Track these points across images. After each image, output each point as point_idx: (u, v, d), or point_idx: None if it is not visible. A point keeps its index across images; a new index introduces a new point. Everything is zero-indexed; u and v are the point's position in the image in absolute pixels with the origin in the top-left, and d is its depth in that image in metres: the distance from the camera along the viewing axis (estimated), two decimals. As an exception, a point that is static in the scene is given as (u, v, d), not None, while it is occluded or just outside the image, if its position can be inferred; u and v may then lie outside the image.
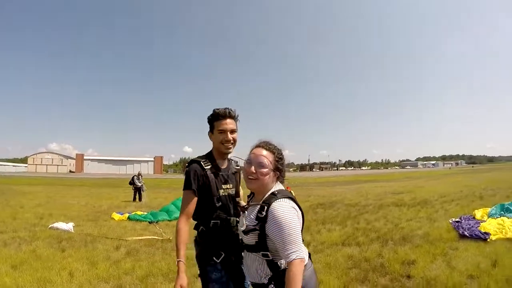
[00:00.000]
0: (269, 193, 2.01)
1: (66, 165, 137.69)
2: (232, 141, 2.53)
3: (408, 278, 4.98)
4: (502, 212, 8.72)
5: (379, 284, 4.81)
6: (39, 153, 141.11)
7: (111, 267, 5.82)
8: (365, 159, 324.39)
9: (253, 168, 2.02)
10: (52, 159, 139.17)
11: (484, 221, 8.08)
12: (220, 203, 2.45)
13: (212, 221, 2.43)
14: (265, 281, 1.96)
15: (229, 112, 2.51)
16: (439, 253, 6.16)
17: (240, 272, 2.41)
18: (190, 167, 2.47)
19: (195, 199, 2.43)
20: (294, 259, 1.79)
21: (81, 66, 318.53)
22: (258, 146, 2.11)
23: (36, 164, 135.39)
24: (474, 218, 8.79)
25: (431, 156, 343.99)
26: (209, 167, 2.48)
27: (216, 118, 2.51)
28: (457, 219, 8.73)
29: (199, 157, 2.56)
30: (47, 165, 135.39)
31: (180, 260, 2.22)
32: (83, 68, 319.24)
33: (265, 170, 2.00)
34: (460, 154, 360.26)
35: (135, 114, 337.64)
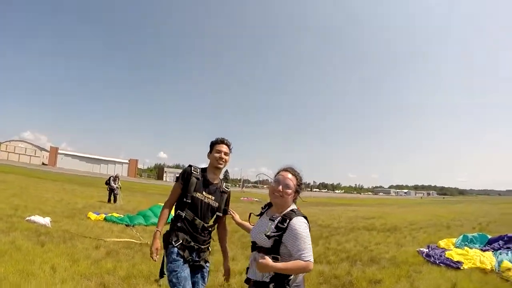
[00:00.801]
0: (288, 209, 2.51)
1: (39, 157, 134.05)
2: (224, 160, 3.32)
3: (374, 296, 5.35)
4: (466, 243, 9.19)
5: (347, 299, 5.17)
6: (12, 140, 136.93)
7: (93, 265, 5.95)
8: (339, 183, 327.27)
9: (280, 187, 2.51)
10: (26, 148, 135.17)
11: (449, 250, 8.49)
12: (191, 201, 3.14)
13: (179, 211, 3.15)
14: (267, 280, 2.39)
15: (226, 141, 3.38)
16: (404, 274, 6.60)
17: (195, 264, 3.16)
18: (184, 168, 3.30)
19: (179, 191, 3.21)
20: (309, 260, 2.28)
21: (62, 54, 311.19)
22: (285, 170, 2.61)
23: (8, 152, 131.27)
24: (438, 247, 9.19)
25: (404, 184, 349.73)
26: (196, 173, 3.23)
27: (216, 142, 3.35)
28: (423, 248, 9.08)
29: (195, 166, 3.30)
30: (19, 154, 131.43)
31: (157, 230, 3.11)
32: (64, 57, 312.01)
33: (289, 190, 2.50)
34: (432, 184, 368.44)
35: (112, 112, 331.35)
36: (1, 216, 9.74)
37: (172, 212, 3.28)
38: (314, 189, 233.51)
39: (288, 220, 2.38)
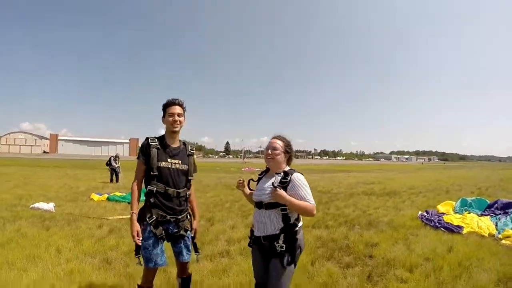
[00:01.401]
0: (286, 169, 2.89)
1: (40, 146, 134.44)
2: (178, 122, 3.21)
3: (370, 258, 5.50)
4: (465, 207, 9.37)
5: (343, 261, 5.32)
6: (12, 132, 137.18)
7: (96, 243, 6.07)
8: (340, 149, 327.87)
9: (269, 151, 2.88)
10: (26, 139, 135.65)
11: (447, 215, 8.63)
12: (157, 173, 3.11)
13: (148, 187, 3.14)
14: (277, 232, 2.72)
15: (178, 101, 3.24)
16: (401, 237, 6.74)
17: (174, 234, 3.19)
18: (141, 143, 3.28)
19: (143, 167, 3.15)
20: (314, 204, 2.74)
21: (52, 42, 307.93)
22: (273, 137, 2.97)
23: (9, 144, 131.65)
24: (437, 212, 9.27)
25: (406, 150, 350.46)
26: (155, 144, 3.16)
27: (168, 104, 3.23)
28: (423, 212, 9.16)
29: (152, 137, 3.23)
30: (20, 145, 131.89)
31: (133, 212, 3.05)
32: (54, 44, 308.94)
33: (277, 151, 2.86)
34: (433, 150, 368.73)
35: (110, 94, 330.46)
36: (6, 206, 9.85)
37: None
38: (316, 157, 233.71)
39: (290, 175, 2.76)
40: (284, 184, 2.73)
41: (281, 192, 2.64)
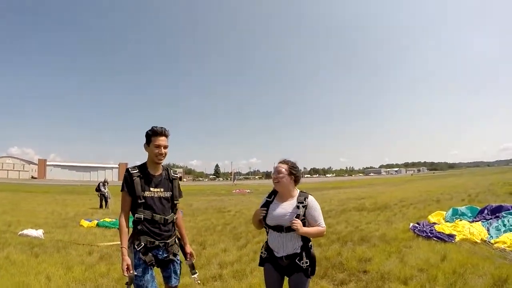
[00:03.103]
0: (296, 192, 3.17)
1: (28, 171, 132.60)
2: (163, 155, 3.20)
3: (364, 273, 5.49)
4: (457, 216, 9.42)
5: (338, 278, 5.31)
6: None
7: (87, 270, 5.99)
8: (330, 167, 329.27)
9: (275, 175, 3.11)
10: (14, 164, 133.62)
11: (438, 224, 8.67)
12: (143, 201, 3.09)
13: (136, 215, 3.10)
14: (298, 251, 3.00)
15: (164, 131, 3.19)
16: (394, 251, 6.73)
17: (164, 260, 3.18)
18: (124, 176, 3.18)
19: (128, 198, 3.12)
20: (325, 227, 3.10)
21: (41, 67, 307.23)
22: (279, 162, 3.20)
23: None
24: (428, 222, 9.32)
25: (394, 163, 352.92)
26: (137, 174, 3.15)
27: (154, 134, 3.16)
28: (415, 224, 9.19)
29: (132, 167, 3.22)
30: (8, 170, 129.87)
31: (122, 247, 2.97)
32: (42, 68, 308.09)
33: (281, 175, 3.08)
34: (422, 161, 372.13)
35: (99, 117, 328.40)
36: (-6, 233, 9.75)
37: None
38: (306, 175, 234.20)
39: (305, 199, 3.06)
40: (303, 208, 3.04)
41: (299, 227, 2.91)
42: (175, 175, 3.45)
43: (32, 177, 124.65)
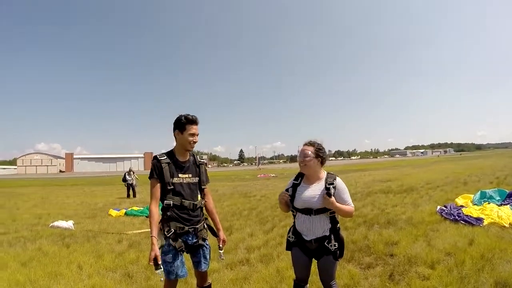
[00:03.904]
0: (324, 173, 3.14)
1: (56, 165, 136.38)
2: (196, 142, 3.27)
3: (391, 257, 5.44)
4: (485, 199, 9.19)
5: (364, 262, 5.28)
6: (28, 154, 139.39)
7: (117, 258, 6.15)
8: (355, 149, 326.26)
9: (301, 158, 3.06)
10: (42, 159, 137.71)
11: (465, 207, 8.49)
12: (172, 187, 3.15)
13: (165, 201, 3.15)
14: (327, 233, 3.01)
15: (197, 119, 3.26)
16: (421, 234, 6.63)
17: (194, 245, 3.23)
18: (152, 162, 3.24)
19: (158, 185, 3.15)
20: (353, 205, 3.05)
21: (65, 63, 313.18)
22: (304, 144, 3.14)
23: (25, 166, 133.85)
24: (456, 205, 9.13)
25: (420, 144, 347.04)
26: (166, 161, 3.19)
27: (189, 122, 3.20)
28: (442, 207, 9.04)
29: (160, 154, 3.28)
30: (36, 166, 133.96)
31: (152, 236, 2.97)
32: (67, 66, 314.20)
33: (308, 158, 3.03)
34: (449, 142, 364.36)
35: (123, 109, 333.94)
36: (26, 226, 10.11)
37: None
38: (330, 158, 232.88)
39: (334, 180, 3.02)
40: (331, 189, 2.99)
41: (333, 200, 2.90)
42: (202, 160, 3.50)
43: (60, 171, 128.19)
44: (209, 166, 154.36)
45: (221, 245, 3.48)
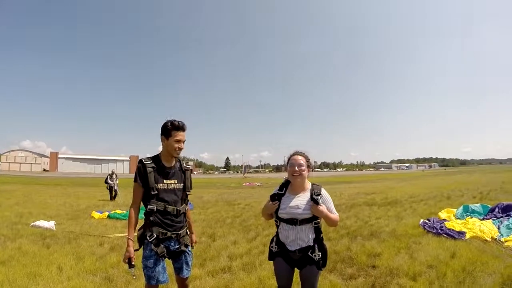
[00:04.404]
0: (309, 184, 3.17)
1: (40, 164, 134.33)
2: (182, 149, 3.26)
3: (373, 268, 5.47)
4: (468, 213, 9.34)
5: (346, 273, 5.30)
6: (12, 150, 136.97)
7: (98, 261, 6.07)
8: (340, 161, 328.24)
9: (296, 168, 3.06)
10: (26, 157, 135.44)
11: (448, 221, 8.60)
12: (156, 192, 3.12)
13: (149, 206, 3.13)
14: (311, 243, 3.03)
15: (184, 125, 3.24)
16: (403, 246, 6.69)
17: (176, 251, 3.21)
18: (137, 166, 3.20)
19: (140, 189, 3.15)
20: (337, 214, 3.12)
21: (53, 62, 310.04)
22: (295, 154, 3.18)
23: (9, 162, 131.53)
24: (439, 219, 9.23)
25: (405, 158, 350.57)
26: (151, 165, 3.17)
27: (175, 128, 3.19)
28: (425, 220, 9.13)
29: (146, 158, 3.25)
30: (20, 163, 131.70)
31: (128, 238, 3.04)
32: (54, 64, 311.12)
33: (303, 167, 3.07)
34: (434, 157, 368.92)
35: (110, 111, 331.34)
36: (6, 224, 9.91)
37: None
38: (316, 169, 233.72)
39: (320, 191, 3.09)
40: (316, 201, 3.03)
41: (323, 208, 2.99)
42: (188, 166, 3.49)
43: (44, 170, 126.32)
44: (195, 172, 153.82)
45: (192, 246, 3.47)
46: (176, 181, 3.27)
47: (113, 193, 19.67)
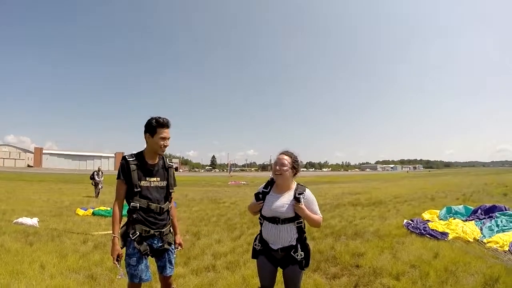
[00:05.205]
0: (294, 184, 3.17)
1: (24, 159, 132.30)
2: (167, 146, 3.24)
3: (356, 268, 5.52)
4: (451, 215, 9.46)
5: (330, 272, 5.35)
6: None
7: (81, 259, 6.00)
8: (326, 161, 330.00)
9: (277, 167, 3.07)
10: (10, 152, 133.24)
11: (432, 222, 8.73)
12: (139, 189, 3.11)
13: (131, 204, 3.11)
14: (294, 243, 3.03)
15: (168, 123, 3.21)
16: (387, 246, 6.76)
17: (159, 249, 3.20)
18: (120, 162, 3.19)
19: (124, 186, 3.13)
20: (321, 215, 3.12)
21: (36, 55, 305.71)
22: (281, 153, 3.18)
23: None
24: (422, 220, 9.37)
25: (391, 160, 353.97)
26: (134, 162, 3.15)
27: (160, 126, 3.16)
28: (409, 220, 9.25)
29: (129, 155, 3.23)
30: (4, 158, 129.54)
31: (114, 236, 3.01)
32: (38, 58, 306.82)
33: (285, 167, 3.06)
34: (418, 159, 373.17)
35: (96, 107, 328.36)
36: (-12, 221, 9.72)
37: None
38: (302, 169, 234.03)
39: (304, 192, 3.07)
40: (299, 201, 3.01)
41: (304, 207, 2.99)
42: (171, 164, 3.48)
43: (28, 166, 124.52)
44: (181, 170, 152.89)
45: (176, 248, 3.47)
46: (159, 179, 3.26)
47: (98, 190, 19.49)
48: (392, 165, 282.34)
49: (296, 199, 3.00)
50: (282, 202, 3.07)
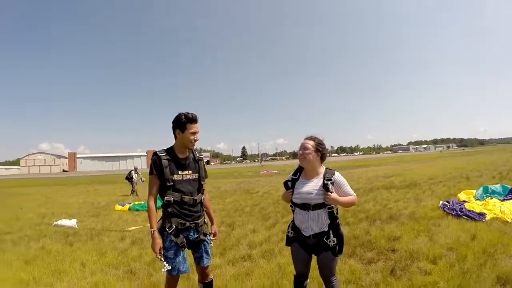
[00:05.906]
0: (323, 169, 3.14)
1: (59, 165, 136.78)
2: (197, 140, 3.31)
3: (392, 252, 5.44)
4: (488, 194, 9.18)
5: (366, 257, 5.28)
6: (31, 154, 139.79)
7: (120, 255, 6.18)
8: (357, 145, 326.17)
9: (301, 151, 3.10)
10: (45, 159, 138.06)
11: (468, 202, 8.50)
12: (172, 184, 3.18)
13: (165, 198, 3.18)
14: (326, 229, 3.01)
15: (197, 117, 3.28)
16: (423, 229, 6.63)
17: (195, 241, 3.27)
18: (152, 158, 3.27)
19: (157, 181, 3.20)
20: (355, 194, 3.08)
21: (66, 64, 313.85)
22: (305, 138, 3.16)
23: (28, 166, 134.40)
24: (458, 200, 9.13)
25: (423, 140, 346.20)
26: (166, 157, 3.22)
27: (190, 121, 3.22)
28: (445, 202, 9.01)
29: (160, 150, 3.31)
30: (40, 165, 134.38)
31: (154, 230, 3.09)
32: (68, 66, 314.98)
33: (308, 151, 3.05)
34: (451, 137, 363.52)
35: (125, 108, 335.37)
36: (30, 225, 10.13)
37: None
38: (333, 154, 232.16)
39: (332, 176, 3.03)
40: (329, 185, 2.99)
41: (335, 196, 2.95)
42: (200, 156, 3.56)
43: (63, 170, 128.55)
44: (212, 163, 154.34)
45: (211, 238, 3.51)
46: (191, 172, 3.32)
47: (134, 188, 19.87)
48: (425, 146, 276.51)
49: (325, 188, 2.97)
50: (311, 188, 3.04)
